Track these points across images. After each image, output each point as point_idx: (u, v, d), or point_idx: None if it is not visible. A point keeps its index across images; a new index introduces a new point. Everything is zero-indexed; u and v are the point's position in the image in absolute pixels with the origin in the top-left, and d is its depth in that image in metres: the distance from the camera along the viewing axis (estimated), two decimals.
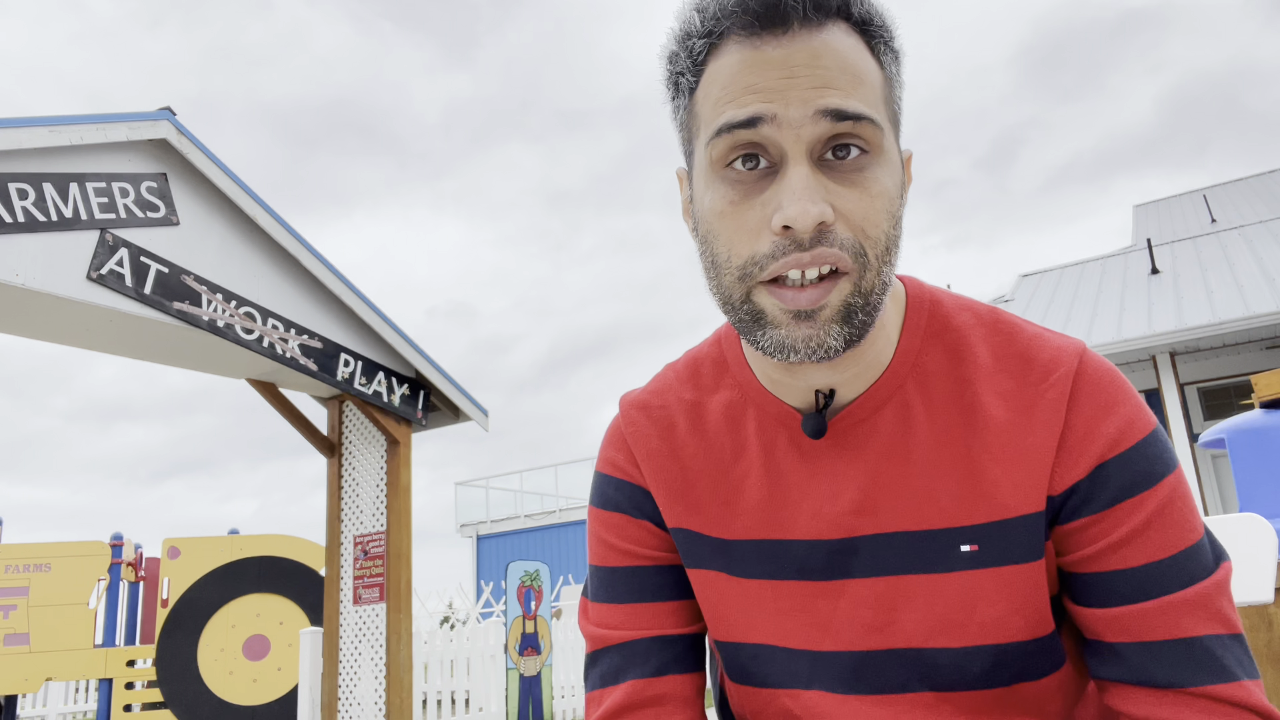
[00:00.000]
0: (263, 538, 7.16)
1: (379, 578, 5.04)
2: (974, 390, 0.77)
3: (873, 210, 0.69)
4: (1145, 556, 0.72)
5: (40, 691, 8.80)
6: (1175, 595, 0.71)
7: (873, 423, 0.79)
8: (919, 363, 0.80)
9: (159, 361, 4.59)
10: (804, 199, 0.66)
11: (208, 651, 6.74)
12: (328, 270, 4.65)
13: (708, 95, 0.72)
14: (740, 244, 0.70)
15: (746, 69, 0.69)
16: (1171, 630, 0.71)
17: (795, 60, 0.67)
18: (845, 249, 0.68)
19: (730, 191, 0.70)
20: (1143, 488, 0.72)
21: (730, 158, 0.70)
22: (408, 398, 5.16)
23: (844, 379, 0.78)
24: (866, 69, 0.70)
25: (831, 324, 0.69)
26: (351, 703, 5.03)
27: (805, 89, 0.67)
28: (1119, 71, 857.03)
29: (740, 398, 0.85)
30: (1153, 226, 16.38)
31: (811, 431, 0.79)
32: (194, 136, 4.09)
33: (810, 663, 0.80)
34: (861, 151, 0.69)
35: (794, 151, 0.67)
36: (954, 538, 0.75)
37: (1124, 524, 0.72)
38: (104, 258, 3.72)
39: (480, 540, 20.96)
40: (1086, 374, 0.75)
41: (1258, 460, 3.29)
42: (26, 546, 6.72)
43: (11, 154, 3.46)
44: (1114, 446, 0.73)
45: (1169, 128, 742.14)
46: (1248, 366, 10.73)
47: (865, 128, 0.68)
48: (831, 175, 0.68)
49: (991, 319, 0.81)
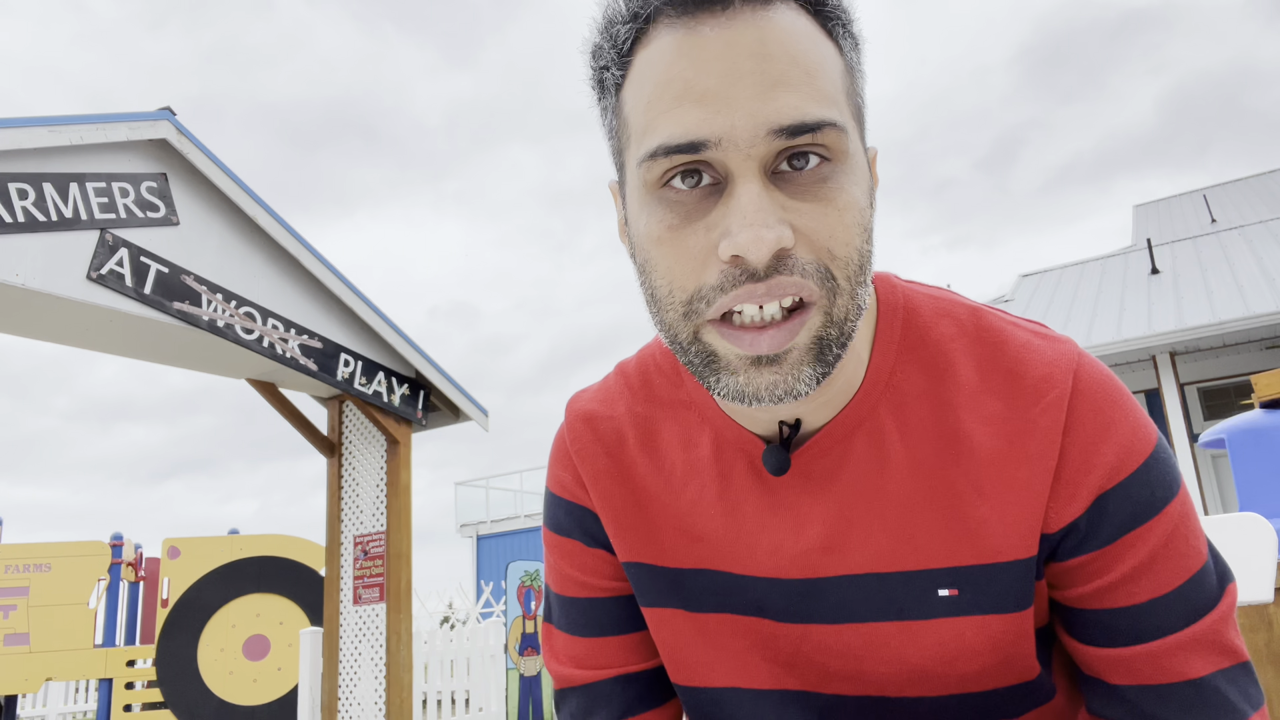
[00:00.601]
0: (263, 538, 7.16)
1: (379, 578, 5.04)
2: (956, 414, 0.68)
3: (840, 226, 0.58)
4: (1150, 592, 0.65)
5: (40, 691, 8.80)
6: (1182, 634, 0.65)
7: (841, 452, 0.69)
8: (893, 383, 0.70)
9: (159, 361, 4.59)
10: (756, 223, 0.55)
11: (208, 651, 6.74)
12: (328, 270, 4.66)
13: (638, 95, 0.61)
14: (683, 275, 0.59)
15: (681, 59, 0.58)
16: (1179, 672, 0.65)
17: (739, 49, 0.57)
18: (809, 276, 0.58)
19: (668, 214, 0.60)
20: (1145, 518, 0.65)
21: (667, 177, 0.59)
22: (408, 398, 5.16)
23: (811, 408, 0.69)
24: (823, 57, 0.59)
25: (801, 366, 0.59)
26: (351, 703, 5.03)
27: (753, 93, 0.56)
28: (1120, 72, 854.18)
29: (696, 417, 0.75)
30: (1153, 226, 16.38)
31: (773, 468, 0.69)
32: (194, 136, 4.09)
33: (776, 703, 0.74)
34: (823, 159, 0.58)
35: (742, 168, 0.57)
36: (932, 580, 0.67)
37: (1126, 559, 0.65)
38: (104, 258, 3.72)
39: (480, 540, 20.96)
40: (1082, 393, 0.66)
41: (1258, 460, 3.29)
42: (26, 546, 6.72)
43: (11, 154, 3.46)
44: (1113, 475, 0.65)
45: (1170, 128, 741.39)
46: (1248, 366, 10.74)
47: (827, 134, 0.57)
48: (789, 189, 0.58)
49: (975, 327, 0.71)
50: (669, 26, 0.59)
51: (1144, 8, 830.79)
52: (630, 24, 0.61)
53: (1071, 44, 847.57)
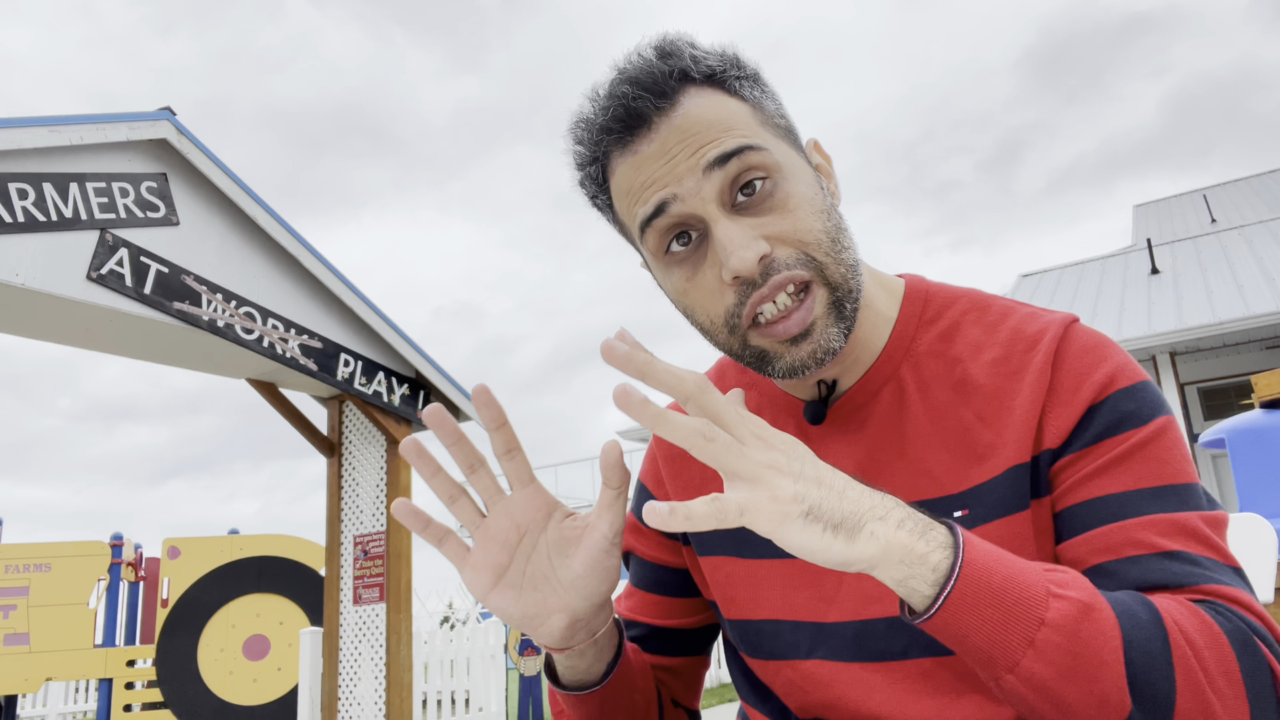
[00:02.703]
0: (263, 538, 7.16)
1: (379, 578, 5.04)
2: (964, 365, 0.81)
3: (799, 222, 0.74)
4: (1124, 485, 0.71)
5: (40, 691, 8.80)
6: (1158, 516, 0.70)
7: (870, 406, 0.84)
8: (913, 347, 0.84)
9: (159, 361, 4.59)
10: (737, 247, 0.72)
11: (208, 651, 6.74)
12: (328, 270, 4.65)
13: (621, 206, 0.80)
14: (712, 307, 0.77)
15: (635, 172, 0.76)
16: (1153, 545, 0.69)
17: (668, 144, 0.74)
18: (794, 265, 0.74)
19: (681, 271, 0.78)
20: (1128, 426, 0.73)
21: (665, 244, 0.78)
22: (408, 398, 5.16)
23: (843, 368, 0.84)
24: (729, 112, 0.76)
25: (828, 328, 0.75)
26: (351, 703, 5.03)
27: (685, 155, 0.74)
28: (1123, 74, 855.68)
29: (756, 395, 0.93)
30: (1153, 226, 16.38)
31: (811, 418, 0.86)
32: (194, 136, 4.09)
33: (812, 634, 0.83)
34: (763, 178, 0.75)
35: (709, 213, 0.74)
36: (946, 505, 0.78)
37: (1107, 454, 0.73)
38: (104, 258, 3.72)
39: None
40: (1072, 335, 0.78)
41: (1258, 460, 3.29)
42: (26, 546, 6.71)
43: (11, 154, 3.46)
44: (1102, 391, 0.74)
45: (1172, 130, 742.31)
46: (1248, 366, 10.74)
47: (751, 157, 0.74)
48: (751, 212, 0.75)
49: (985, 302, 0.85)
50: (619, 156, 0.78)
51: (1147, 10, 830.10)
52: (595, 164, 0.80)
53: (1075, 46, 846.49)
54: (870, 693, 0.79)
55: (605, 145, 0.78)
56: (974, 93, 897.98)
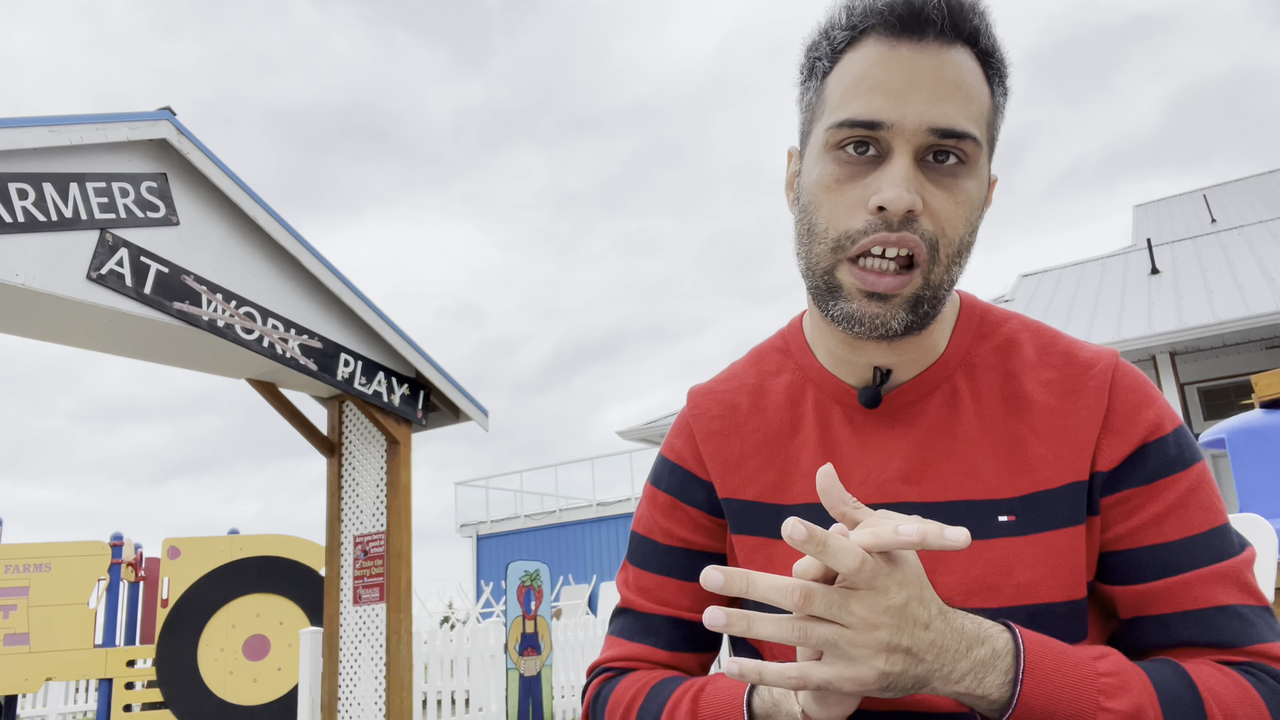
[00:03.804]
0: (263, 538, 7.16)
1: (379, 578, 5.04)
2: (1019, 380, 0.85)
3: (955, 213, 0.77)
4: (1179, 532, 0.79)
5: (40, 691, 8.80)
6: (1211, 569, 0.77)
7: (922, 404, 0.86)
8: (969, 357, 0.88)
9: (159, 361, 4.59)
10: (901, 186, 0.74)
11: (208, 651, 6.74)
12: (328, 270, 4.65)
13: (839, 82, 0.79)
14: (838, 218, 0.78)
15: (879, 65, 0.76)
16: (1209, 599, 0.77)
17: (922, 69, 0.76)
18: (924, 240, 0.76)
19: (838, 170, 0.78)
20: (1176, 469, 0.80)
21: (844, 142, 0.78)
22: (408, 398, 5.16)
23: (901, 361, 0.86)
24: (980, 91, 0.78)
25: (900, 309, 0.78)
26: (351, 703, 5.03)
27: (924, 98, 0.75)
28: (1124, 76, 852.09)
29: (800, 378, 0.94)
30: (1153, 226, 16.38)
31: (867, 401, 0.87)
32: (194, 136, 4.09)
33: None
34: (959, 161, 0.77)
35: (900, 149, 0.76)
36: (993, 509, 0.81)
37: (1159, 500, 0.79)
38: (104, 258, 3.72)
39: (480, 540, 20.96)
40: (1124, 369, 0.84)
41: (1258, 460, 3.29)
42: (26, 546, 6.71)
43: (11, 154, 3.46)
44: (1154, 431, 0.81)
45: (1174, 131, 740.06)
46: (1248, 366, 10.74)
47: (966, 144, 0.76)
48: (928, 175, 0.77)
49: (1036, 325, 0.91)
50: (876, 41, 0.77)
51: (1149, 12, 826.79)
52: (849, 31, 0.79)
53: (1077, 48, 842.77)
54: None
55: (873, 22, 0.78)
56: None
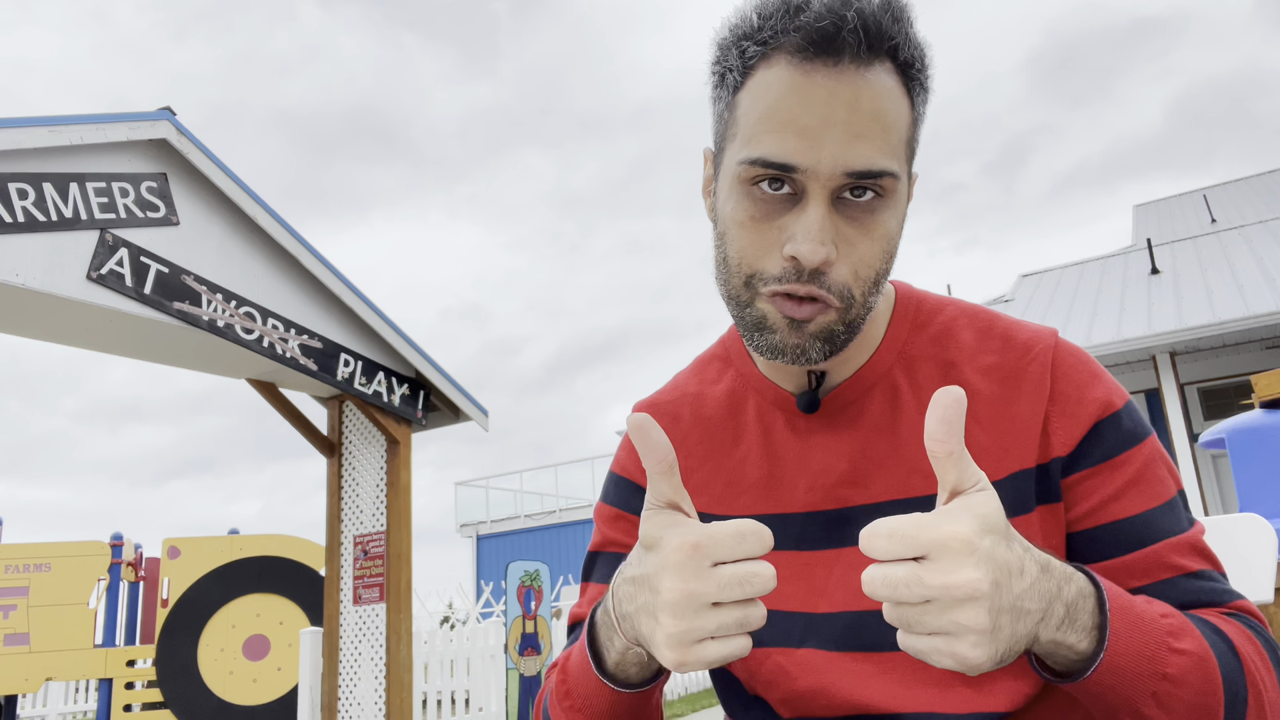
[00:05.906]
0: (263, 538, 7.15)
1: (379, 578, 5.04)
2: (958, 369, 0.84)
3: (871, 253, 0.75)
4: (1141, 505, 0.79)
5: (40, 691, 8.80)
6: (1177, 538, 0.78)
7: (862, 403, 0.85)
8: (906, 350, 0.87)
9: (159, 361, 4.59)
10: (815, 239, 0.72)
11: (208, 651, 6.74)
12: (328, 270, 4.65)
13: (751, 107, 0.75)
14: (751, 257, 0.76)
15: (792, 95, 0.72)
16: (1181, 567, 0.78)
17: (838, 99, 0.71)
18: (834, 292, 0.75)
19: (753, 208, 0.76)
20: (1131, 444, 0.80)
21: (758, 180, 0.75)
22: (408, 398, 5.16)
23: (834, 363, 0.85)
24: (898, 115, 0.74)
25: (815, 339, 0.77)
26: (351, 703, 5.03)
27: (840, 137, 0.71)
28: (1128, 78, 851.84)
29: (741, 386, 0.93)
30: (1153, 226, 16.38)
31: (805, 406, 0.86)
32: (194, 136, 4.09)
33: (805, 624, 0.84)
34: (876, 195, 0.74)
35: (815, 193, 0.73)
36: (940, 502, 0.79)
37: (1119, 475, 0.79)
38: (104, 258, 3.72)
39: (480, 540, 20.95)
40: (1064, 348, 0.83)
41: (1258, 460, 3.29)
42: (26, 546, 6.71)
43: (11, 154, 3.46)
44: (1105, 409, 0.80)
45: (1176, 133, 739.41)
46: (1248, 366, 10.73)
47: (885, 181, 0.73)
48: (844, 213, 0.74)
49: (972, 310, 0.89)
50: (788, 62, 0.73)
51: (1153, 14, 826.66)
52: (760, 46, 0.74)
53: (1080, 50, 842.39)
54: (862, 682, 0.80)
55: (784, 41, 0.72)
56: (980, 96, 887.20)
